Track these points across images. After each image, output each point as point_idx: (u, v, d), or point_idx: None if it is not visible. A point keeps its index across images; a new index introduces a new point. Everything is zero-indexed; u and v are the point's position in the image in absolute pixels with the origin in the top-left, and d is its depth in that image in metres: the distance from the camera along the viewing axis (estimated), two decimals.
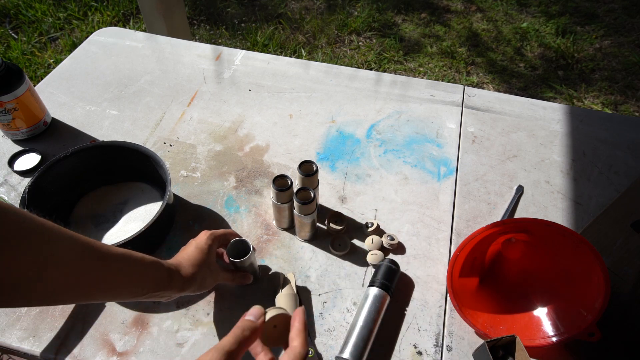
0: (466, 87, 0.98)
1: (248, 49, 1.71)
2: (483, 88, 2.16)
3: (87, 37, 1.11)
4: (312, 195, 0.64)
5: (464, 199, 0.79)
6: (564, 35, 2.38)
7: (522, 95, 1.55)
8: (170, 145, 0.86)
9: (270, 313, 0.46)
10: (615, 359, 0.61)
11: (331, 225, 0.73)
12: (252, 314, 0.45)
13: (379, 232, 0.73)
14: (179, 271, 0.56)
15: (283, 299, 0.63)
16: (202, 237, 0.62)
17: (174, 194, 0.78)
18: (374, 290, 0.63)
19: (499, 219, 0.76)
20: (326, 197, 0.79)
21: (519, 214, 0.77)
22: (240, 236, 0.66)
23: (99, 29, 1.20)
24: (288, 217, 0.72)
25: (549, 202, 0.79)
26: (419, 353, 0.61)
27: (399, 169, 0.83)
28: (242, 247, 0.65)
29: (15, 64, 0.83)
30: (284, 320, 0.47)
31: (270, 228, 0.75)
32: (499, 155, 0.86)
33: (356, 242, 0.73)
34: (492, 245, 0.67)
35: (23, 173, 0.81)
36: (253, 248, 0.64)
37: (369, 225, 0.73)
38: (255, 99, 0.96)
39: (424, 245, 0.73)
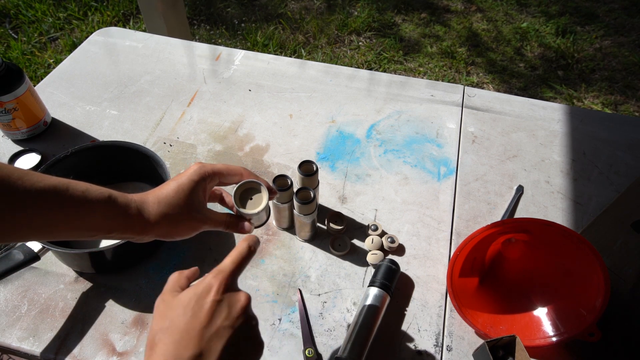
0: (466, 87, 0.98)
1: (248, 49, 1.71)
2: (483, 88, 2.16)
3: (87, 37, 1.11)
4: (312, 195, 0.64)
5: (464, 199, 0.79)
6: (564, 35, 2.38)
7: (522, 95, 1.55)
8: (170, 145, 0.86)
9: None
10: (615, 359, 0.61)
11: (331, 225, 0.73)
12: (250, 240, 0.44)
13: (380, 233, 0.73)
14: (140, 210, 0.45)
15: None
16: (189, 170, 0.49)
17: None
18: (374, 290, 0.63)
19: (499, 219, 0.76)
20: (326, 197, 0.79)
21: (519, 214, 0.77)
22: (253, 177, 0.52)
23: (99, 29, 1.20)
24: (288, 217, 0.72)
25: (549, 202, 0.79)
26: (419, 353, 0.61)
27: (399, 169, 0.83)
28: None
29: (15, 64, 0.83)
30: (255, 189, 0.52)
31: (270, 228, 0.75)
32: (499, 155, 0.86)
33: (356, 242, 0.73)
34: (492, 245, 0.67)
35: None
36: (270, 191, 0.51)
37: (373, 228, 0.73)
38: (255, 99, 0.96)
39: (424, 245, 0.73)
